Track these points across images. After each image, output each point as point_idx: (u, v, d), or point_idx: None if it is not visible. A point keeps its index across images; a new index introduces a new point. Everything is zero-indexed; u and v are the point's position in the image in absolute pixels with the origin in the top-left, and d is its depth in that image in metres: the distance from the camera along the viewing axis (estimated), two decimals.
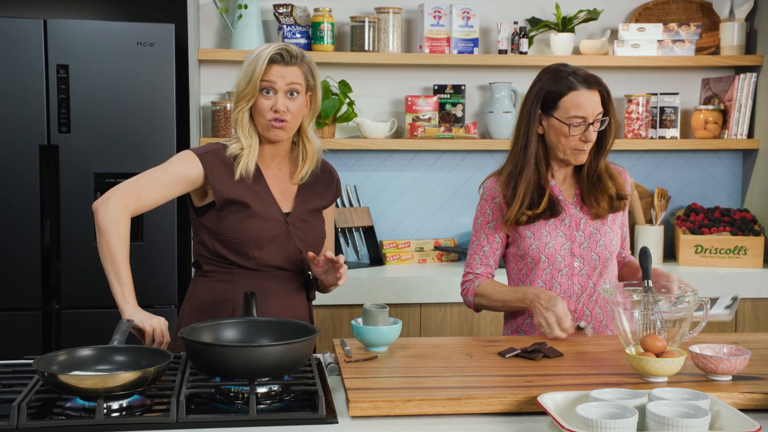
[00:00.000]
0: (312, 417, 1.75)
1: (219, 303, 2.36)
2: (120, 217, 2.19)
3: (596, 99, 2.39)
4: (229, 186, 2.32)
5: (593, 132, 2.39)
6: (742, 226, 3.88)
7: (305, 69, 2.34)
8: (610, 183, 2.46)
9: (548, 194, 2.45)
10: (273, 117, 2.31)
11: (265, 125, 2.33)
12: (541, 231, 2.47)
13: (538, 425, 1.75)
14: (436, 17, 3.83)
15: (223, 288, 2.36)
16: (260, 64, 2.29)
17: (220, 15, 3.79)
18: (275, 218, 2.35)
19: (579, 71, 2.41)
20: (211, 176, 2.31)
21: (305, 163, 2.41)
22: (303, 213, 2.41)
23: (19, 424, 1.67)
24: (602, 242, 2.47)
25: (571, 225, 2.48)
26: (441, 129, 3.85)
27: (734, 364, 1.93)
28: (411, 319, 3.53)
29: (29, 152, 3.33)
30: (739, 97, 3.97)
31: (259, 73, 2.29)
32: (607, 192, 2.46)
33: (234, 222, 2.32)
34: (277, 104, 2.30)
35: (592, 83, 2.39)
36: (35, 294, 3.36)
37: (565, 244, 2.47)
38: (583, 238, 2.47)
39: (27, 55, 3.30)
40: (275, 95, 2.31)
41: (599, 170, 2.46)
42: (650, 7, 4.10)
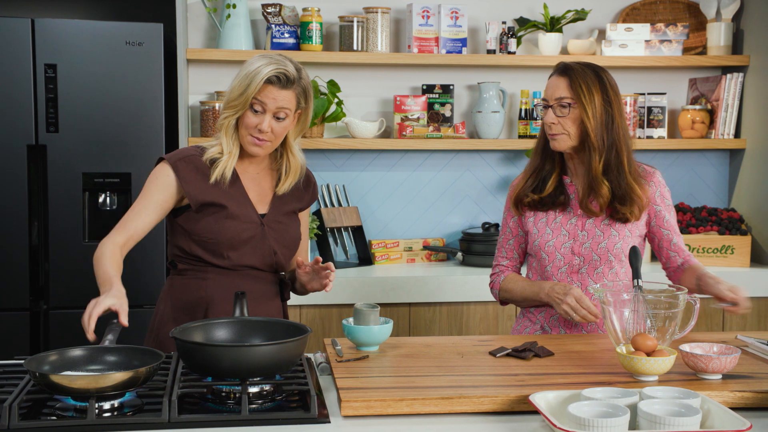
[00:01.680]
0: (304, 416, 1.75)
1: (193, 302, 2.37)
2: (107, 247, 2.24)
3: (561, 84, 2.45)
4: (203, 190, 2.34)
5: (551, 114, 2.45)
6: (729, 226, 3.90)
7: (299, 92, 2.34)
8: (605, 186, 2.45)
9: (555, 184, 2.52)
10: (256, 135, 2.32)
11: (247, 140, 2.34)
12: (546, 228, 2.53)
13: (530, 424, 1.76)
14: (425, 17, 3.83)
15: (197, 286, 2.38)
16: (255, 83, 2.28)
17: (208, 14, 3.78)
18: (251, 219, 2.37)
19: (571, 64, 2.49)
20: (184, 184, 2.33)
21: (288, 177, 2.43)
22: (278, 215, 2.43)
23: (10, 424, 1.67)
24: (604, 244, 2.48)
25: (577, 224, 2.51)
26: (430, 129, 3.85)
27: (724, 363, 1.95)
28: (400, 318, 3.53)
29: (17, 152, 3.31)
30: (726, 97, 3.99)
31: (253, 90, 2.29)
32: (601, 194, 2.45)
33: (210, 223, 2.34)
34: (262, 124, 2.31)
35: (563, 69, 2.48)
36: (23, 294, 3.35)
37: (566, 242, 2.50)
38: (586, 238, 2.50)
39: (15, 54, 3.28)
40: (263, 114, 2.31)
41: (593, 170, 2.46)
42: (638, 8, 4.12)
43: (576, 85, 2.43)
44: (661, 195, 2.54)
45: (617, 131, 2.45)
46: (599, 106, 2.43)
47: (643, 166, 2.57)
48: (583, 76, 2.44)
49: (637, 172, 2.50)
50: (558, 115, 2.45)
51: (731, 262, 3.85)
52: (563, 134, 2.45)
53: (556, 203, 2.53)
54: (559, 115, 2.44)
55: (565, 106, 2.44)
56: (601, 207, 2.47)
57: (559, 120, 2.45)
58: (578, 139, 2.46)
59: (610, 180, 2.45)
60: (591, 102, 2.42)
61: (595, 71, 2.46)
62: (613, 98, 2.45)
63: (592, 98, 2.42)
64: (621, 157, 2.46)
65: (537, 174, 2.56)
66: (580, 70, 2.45)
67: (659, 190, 2.54)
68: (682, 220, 3.96)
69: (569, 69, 2.46)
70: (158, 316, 2.42)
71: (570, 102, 2.43)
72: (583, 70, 2.45)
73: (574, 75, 2.45)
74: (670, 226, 2.54)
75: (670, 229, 2.55)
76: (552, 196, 2.53)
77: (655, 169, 2.57)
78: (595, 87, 2.43)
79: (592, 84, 2.43)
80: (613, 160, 2.45)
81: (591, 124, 2.42)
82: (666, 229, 2.54)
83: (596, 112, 2.43)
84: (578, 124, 2.44)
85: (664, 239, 2.55)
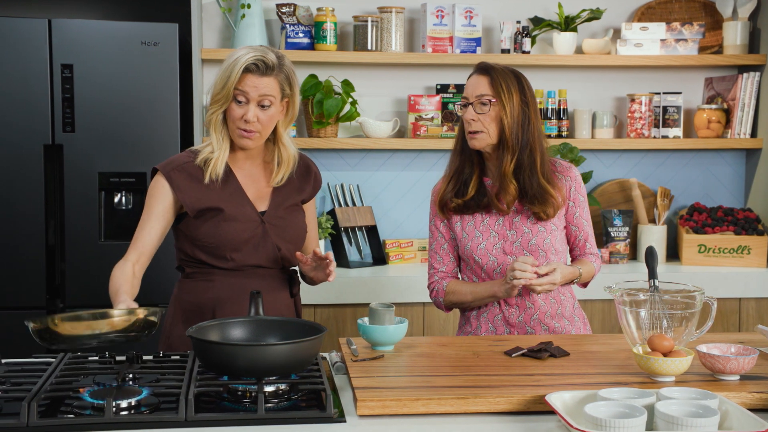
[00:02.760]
0: (321, 416, 1.75)
1: (201, 304, 2.38)
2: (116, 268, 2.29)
3: (482, 82, 2.49)
4: (199, 197, 2.35)
5: (471, 111, 2.48)
6: (745, 226, 3.88)
7: (281, 79, 2.34)
8: (512, 185, 2.48)
9: (477, 185, 2.55)
10: (243, 126, 2.32)
11: (235, 133, 2.35)
12: (475, 232, 2.55)
13: (546, 424, 1.76)
14: (439, 17, 3.83)
15: (204, 288, 2.39)
16: (235, 72, 2.29)
17: (223, 14, 3.79)
18: (250, 219, 2.37)
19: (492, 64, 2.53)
20: (179, 193, 2.34)
21: (281, 168, 2.43)
22: (279, 210, 2.42)
23: (29, 422, 1.68)
24: (534, 241, 2.51)
25: (504, 224, 2.54)
26: (444, 128, 3.85)
27: (742, 364, 1.94)
28: (414, 318, 3.53)
29: (34, 152, 3.33)
30: (742, 97, 3.97)
31: (234, 80, 2.29)
32: (509, 191, 2.49)
33: (209, 227, 2.34)
34: (247, 114, 2.30)
35: (484, 69, 2.51)
36: (40, 293, 3.37)
37: (497, 243, 2.53)
38: (515, 237, 2.52)
39: (31, 54, 3.30)
40: (247, 104, 2.31)
41: (503, 168, 2.48)
42: (653, 6, 4.10)
43: (497, 83, 2.47)
44: (575, 190, 2.58)
45: (532, 132, 2.49)
46: (517, 105, 2.47)
47: (559, 161, 2.61)
48: (504, 76, 2.49)
49: (551, 172, 2.54)
50: (478, 112, 2.47)
51: (748, 263, 3.83)
52: (482, 132, 2.48)
53: (480, 205, 2.55)
54: (479, 112, 2.47)
55: (486, 103, 2.47)
56: (508, 205, 2.51)
57: (479, 117, 2.47)
58: (497, 137, 2.48)
59: (522, 179, 2.49)
60: (510, 100, 2.46)
61: (514, 73, 2.52)
62: (530, 99, 2.51)
63: (511, 97, 2.46)
64: (534, 156, 2.49)
65: (458, 177, 2.58)
66: (500, 71, 2.50)
67: (574, 186, 2.58)
68: (698, 221, 3.94)
69: (490, 68, 2.51)
70: (169, 319, 2.44)
71: (490, 99, 2.46)
72: (503, 70, 2.50)
73: (494, 74, 2.49)
74: (578, 223, 2.59)
75: (578, 226, 2.60)
76: (475, 199, 2.55)
77: (571, 165, 2.62)
78: (514, 87, 2.48)
79: (512, 84, 2.48)
80: (526, 160, 2.49)
81: (508, 121, 2.46)
82: (574, 225, 2.60)
83: (514, 111, 2.47)
84: (497, 123, 2.47)
85: (572, 234, 2.61)
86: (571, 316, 2.58)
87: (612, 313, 3.62)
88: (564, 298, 2.57)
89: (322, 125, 3.75)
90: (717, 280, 3.67)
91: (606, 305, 3.62)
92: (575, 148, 3.75)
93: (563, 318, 2.56)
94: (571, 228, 2.60)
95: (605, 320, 3.62)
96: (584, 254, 2.61)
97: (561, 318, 2.55)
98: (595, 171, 4.07)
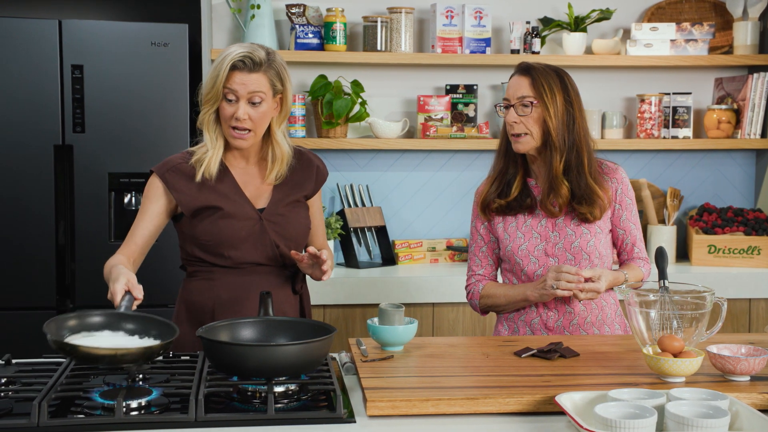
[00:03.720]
0: (330, 416, 1.75)
1: (202, 302, 2.39)
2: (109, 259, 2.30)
3: (523, 83, 2.45)
4: (195, 196, 2.35)
5: (513, 113, 2.44)
6: (755, 226, 3.87)
7: (271, 74, 2.32)
8: (564, 186, 2.44)
9: (521, 186, 2.51)
10: (234, 125, 2.31)
11: (227, 132, 2.34)
12: (516, 233, 2.52)
13: (556, 425, 1.75)
14: (449, 17, 3.83)
15: (206, 287, 2.39)
16: (223, 70, 2.28)
17: (233, 15, 3.80)
18: (248, 216, 2.37)
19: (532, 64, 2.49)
20: (174, 193, 2.35)
21: (274, 165, 2.41)
22: (279, 207, 2.41)
23: (39, 422, 1.68)
24: (577, 243, 2.47)
25: (547, 226, 2.50)
26: (453, 129, 3.85)
27: (752, 365, 1.93)
28: (424, 318, 3.53)
29: (44, 152, 3.34)
30: (752, 97, 3.96)
31: (222, 79, 2.28)
32: (560, 194, 2.45)
33: (206, 225, 2.35)
34: (237, 112, 2.30)
35: (525, 69, 2.47)
36: (50, 293, 3.38)
37: (539, 245, 2.49)
38: (558, 239, 2.49)
39: (42, 55, 3.31)
40: (237, 102, 2.30)
41: (553, 170, 2.45)
42: (663, 7, 4.09)
43: (538, 84, 2.43)
44: (622, 192, 2.53)
45: (578, 131, 2.45)
46: (561, 105, 2.43)
47: (606, 162, 2.57)
48: (545, 76, 2.44)
49: (597, 172, 2.50)
50: (520, 114, 2.44)
51: (758, 263, 3.82)
52: (526, 134, 2.44)
53: (523, 206, 2.51)
54: (521, 114, 2.44)
55: (527, 105, 2.43)
56: (560, 207, 2.46)
57: (521, 119, 2.44)
58: (541, 139, 2.45)
59: (570, 180, 2.45)
60: (553, 101, 2.42)
61: (556, 72, 2.47)
62: (574, 98, 2.46)
63: (554, 97, 2.42)
64: (582, 157, 2.46)
65: (501, 178, 2.55)
66: (541, 70, 2.46)
67: (620, 188, 2.53)
68: (708, 221, 3.93)
69: (531, 69, 2.46)
70: (174, 319, 2.45)
71: (532, 101, 2.43)
72: (544, 70, 2.46)
73: (536, 74, 2.45)
74: (625, 226, 2.54)
75: (625, 229, 2.54)
76: (518, 200, 2.52)
77: (618, 165, 2.57)
78: (556, 87, 2.44)
79: (554, 84, 2.44)
80: (573, 161, 2.45)
81: (553, 123, 2.42)
82: (621, 229, 2.54)
83: (558, 112, 2.43)
84: (540, 124, 2.43)
85: (618, 238, 2.56)
86: (612, 323, 2.54)
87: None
88: (606, 305, 2.53)
89: (332, 126, 3.75)
90: (727, 281, 3.66)
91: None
92: None
93: (604, 325, 2.52)
94: (618, 231, 2.54)
95: None
96: (632, 259, 2.55)
97: (602, 325, 2.51)
98: None
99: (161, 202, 2.37)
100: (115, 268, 2.16)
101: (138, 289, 2.05)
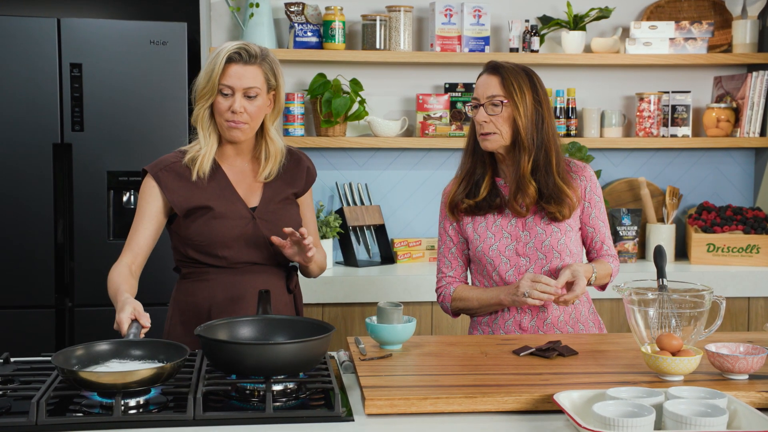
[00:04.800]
0: (329, 414, 1.75)
1: (198, 303, 2.38)
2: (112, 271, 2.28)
3: (493, 82, 2.43)
4: (188, 196, 2.35)
5: (482, 113, 2.43)
6: (754, 225, 3.87)
7: (266, 68, 2.34)
8: (531, 186, 2.43)
9: (489, 186, 2.50)
10: (231, 118, 2.31)
11: (223, 125, 2.34)
12: (487, 233, 2.51)
13: (555, 423, 1.75)
14: (448, 15, 3.83)
15: (201, 288, 2.39)
16: (218, 64, 2.29)
17: (231, 14, 3.80)
18: (240, 215, 2.36)
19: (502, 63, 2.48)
20: (167, 193, 2.34)
21: (267, 162, 2.41)
22: (271, 205, 2.41)
23: (38, 420, 1.68)
24: (548, 242, 2.47)
25: (518, 225, 2.49)
26: (452, 127, 3.85)
27: (751, 363, 1.93)
28: (422, 317, 3.53)
29: (43, 151, 3.34)
30: (751, 95, 3.96)
31: (218, 72, 2.29)
32: (528, 193, 2.44)
33: (199, 225, 2.34)
34: (234, 104, 2.30)
35: (494, 68, 2.46)
36: (49, 292, 3.38)
37: (510, 245, 2.49)
38: (528, 238, 2.48)
39: (40, 53, 3.31)
40: (233, 96, 2.30)
41: (521, 170, 2.44)
42: (662, 5, 4.09)
43: (508, 83, 2.42)
44: (591, 190, 2.53)
45: (547, 130, 2.45)
46: (530, 105, 2.42)
47: (573, 161, 2.56)
48: (515, 75, 2.43)
49: (565, 171, 2.49)
50: (490, 114, 2.42)
51: (756, 262, 3.82)
52: (495, 133, 2.43)
53: (492, 206, 2.50)
54: (490, 113, 2.42)
55: (497, 104, 2.42)
56: (527, 207, 2.46)
57: (490, 119, 2.43)
58: (510, 138, 2.44)
59: (538, 180, 2.44)
60: (522, 100, 2.41)
61: (525, 71, 2.46)
62: (543, 97, 2.45)
63: (523, 97, 2.42)
64: (550, 156, 2.45)
65: (469, 178, 2.53)
66: (511, 69, 2.45)
67: (589, 185, 2.53)
68: (707, 220, 3.93)
69: (500, 68, 2.45)
70: (168, 321, 2.45)
71: (502, 100, 2.42)
72: (513, 69, 2.45)
73: (505, 73, 2.43)
74: (594, 224, 2.54)
75: (594, 227, 2.54)
76: (487, 200, 2.50)
77: (586, 164, 2.57)
78: (526, 86, 2.43)
79: (523, 83, 2.43)
80: (542, 160, 2.44)
81: (522, 122, 2.41)
82: (590, 227, 2.54)
83: (527, 111, 2.42)
84: (510, 123, 2.43)
85: (588, 236, 2.56)
86: (586, 321, 2.54)
87: (621, 312, 3.61)
88: (579, 303, 2.53)
89: (331, 124, 3.75)
90: (726, 279, 3.66)
91: (614, 304, 3.61)
92: (584, 147, 3.75)
93: (578, 323, 2.52)
94: (587, 229, 2.54)
95: (614, 319, 3.61)
96: (601, 256, 2.55)
97: (576, 323, 2.52)
98: (604, 170, 4.06)
99: (158, 202, 2.36)
100: (120, 296, 2.14)
101: (145, 318, 2.04)
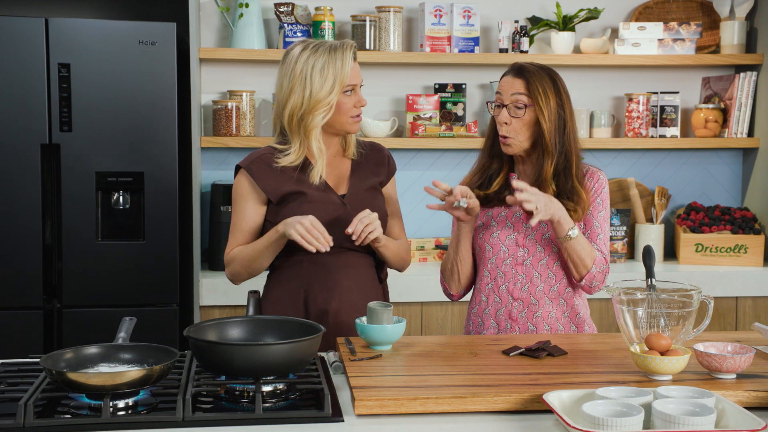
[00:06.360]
0: (318, 415, 1.75)
1: (293, 290, 2.45)
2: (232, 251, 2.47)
3: (517, 84, 2.42)
4: (280, 184, 2.43)
5: (505, 114, 2.42)
6: (742, 225, 3.89)
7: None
8: (551, 190, 2.42)
9: (502, 182, 2.52)
10: (357, 113, 2.45)
11: (347, 122, 2.45)
12: (491, 221, 2.53)
13: (544, 423, 1.76)
14: (437, 16, 3.83)
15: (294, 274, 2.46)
16: (347, 68, 2.39)
17: (221, 14, 3.79)
18: (332, 201, 2.45)
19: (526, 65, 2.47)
20: (260, 182, 2.43)
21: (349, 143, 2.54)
22: (359, 192, 2.50)
23: (25, 422, 1.68)
24: (548, 235, 2.47)
25: (522, 218, 2.50)
26: (442, 128, 3.85)
27: (738, 362, 1.94)
28: (412, 317, 3.53)
29: (30, 151, 3.33)
30: (739, 96, 3.98)
31: (346, 76, 2.39)
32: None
33: (292, 209, 2.41)
34: (361, 99, 2.43)
35: (518, 70, 2.45)
36: (37, 293, 3.36)
37: (510, 234, 2.50)
38: (530, 230, 2.48)
39: (28, 53, 3.29)
40: (354, 91, 2.43)
41: (543, 173, 2.43)
42: (651, 6, 4.10)
43: (533, 87, 2.41)
44: (595, 191, 2.51)
45: (569, 135, 2.44)
46: (554, 109, 2.41)
47: (588, 167, 2.55)
48: (539, 79, 2.42)
49: (582, 174, 2.49)
50: (512, 116, 2.42)
51: (744, 262, 3.84)
52: (515, 137, 2.43)
53: (501, 199, 2.50)
54: (513, 115, 2.42)
55: (521, 107, 2.41)
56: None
57: (512, 120, 2.42)
58: (530, 141, 2.44)
59: (558, 183, 2.44)
60: (547, 104, 2.40)
61: (548, 74, 2.45)
62: (566, 101, 2.44)
63: (548, 100, 2.40)
64: (570, 161, 2.44)
65: (483, 172, 2.55)
66: (535, 72, 2.43)
67: (595, 186, 2.51)
68: (695, 220, 3.94)
69: (525, 70, 2.44)
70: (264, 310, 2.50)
71: (526, 103, 2.41)
72: (538, 72, 2.43)
73: (530, 77, 2.42)
74: (587, 220, 2.51)
75: (586, 222, 2.51)
76: (497, 193, 2.51)
77: (600, 170, 2.55)
78: (550, 89, 2.41)
79: (548, 86, 2.41)
80: (562, 165, 2.44)
81: (547, 126, 2.40)
82: (582, 222, 2.51)
83: (552, 116, 2.40)
84: (531, 127, 2.42)
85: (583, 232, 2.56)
86: (582, 323, 2.53)
87: (609, 311, 3.62)
88: (577, 304, 2.52)
89: None
90: (714, 279, 3.67)
91: (603, 304, 3.62)
92: None
93: (570, 323, 2.52)
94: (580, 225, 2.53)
95: (603, 319, 3.62)
96: None
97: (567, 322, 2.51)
98: None
99: (254, 198, 2.46)
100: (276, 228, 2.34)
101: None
